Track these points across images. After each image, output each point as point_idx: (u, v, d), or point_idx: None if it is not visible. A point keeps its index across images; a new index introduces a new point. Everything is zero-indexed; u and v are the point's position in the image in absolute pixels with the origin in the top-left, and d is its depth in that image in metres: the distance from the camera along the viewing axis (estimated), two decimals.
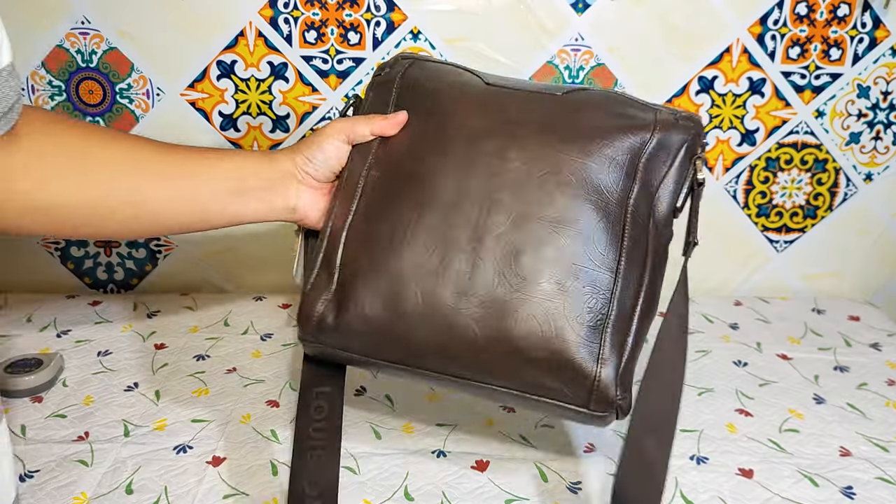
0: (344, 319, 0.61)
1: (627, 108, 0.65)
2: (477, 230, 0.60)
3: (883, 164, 1.02)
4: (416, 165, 0.63)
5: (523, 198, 0.60)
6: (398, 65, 0.70)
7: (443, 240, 0.60)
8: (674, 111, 0.65)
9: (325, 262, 0.63)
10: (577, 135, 0.62)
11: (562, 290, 0.58)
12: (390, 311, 0.60)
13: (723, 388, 0.83)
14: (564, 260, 0.58)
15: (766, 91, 0.97)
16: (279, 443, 0.73)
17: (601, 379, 0.57)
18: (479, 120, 0.63)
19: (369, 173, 0.65)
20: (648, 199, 0.62)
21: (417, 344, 0.60)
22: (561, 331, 0.57)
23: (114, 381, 0.82)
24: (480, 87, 0.67)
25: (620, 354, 0.58)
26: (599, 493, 0.67)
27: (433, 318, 0.59)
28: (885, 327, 0.97)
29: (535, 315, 0.57)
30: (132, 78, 0.94)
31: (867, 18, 0.95)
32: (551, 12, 0.93)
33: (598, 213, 0.60)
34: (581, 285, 0.58)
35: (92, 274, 1.02)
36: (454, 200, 0.61)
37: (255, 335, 0.92)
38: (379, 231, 0.62)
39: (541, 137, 0.62)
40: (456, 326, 0.58)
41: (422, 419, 0.77)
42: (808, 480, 0.69)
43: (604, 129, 0.62)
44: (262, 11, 0.92)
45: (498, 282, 0.58)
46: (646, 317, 0.60)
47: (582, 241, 0.59)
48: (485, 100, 0.65)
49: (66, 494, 0.65)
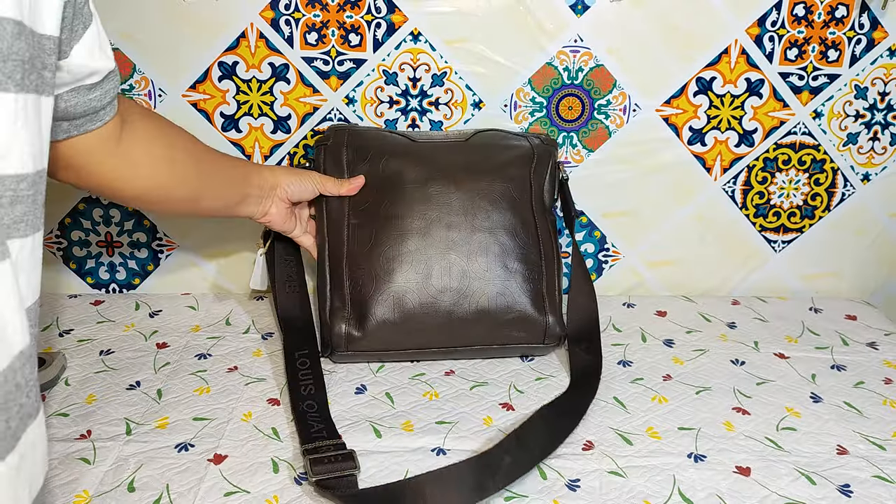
0: (367, 329, 0.83)
1: (511, 141, 0.92)
2: (444, 246, 0.85)
3: (880, 165, 1.03)
4: (388, 209, 0.86)
5: (469, 217, 0.86)
6: (339, 133, 0.91)
7: (422, 258, 0.84)
8: (537, 136, 0.93)
9: (336, 292, 0.85)
10: (490, 167, 0.88)
11: (509, 271, 0.85)
12: (398, 314, 0.83)
13: (720, 386, 0.84)
14: (505, 252, 0.85)
15: (764, 92, 0.98)
16: (280, 441, 0.73)
17: (549, 324, 0.86)
18: (421, 171, 0.87)
19: (349, 222, 0.87)
20: (540, 196, 0.90)
21: (422, 332, 0.84)
22: (516, 297, 0.85)
23: (116, 380, 0.82)
24: (412, 145, 0.90)
25: (555, 303, 0.86)
26: (598, 490, 0.68)
27: (429, 311, 0.83)
28: (882, 327, 0.98)
29: (497, 292, 0.84)
30: (134, 79, 0.94)
31: (865, 20, 0.95)
32: (551, 13, 0.93)
33: (517, 216, 0.87)
34: (519, 265, 0.85)
35: (94, 274, 1.03)
36: (423, 229, 0.85)
37: (255, 334, 0.93)
38: (375, 261, 0.84)
39: (467, 175, 0.87)
40: (447, 313, 0.84)
41: (421, 417, 0.77)
42: (806, 478, 0.70)
43: (505, 161, 0.89)
44: (263, 13, 0.92)
45: (466, 277, 0.84)
46: (560, 272, 0.88)
47: (512, 236, 0.86)
48: (419, 155, 0.89)
49: (68, 492, 0.66)
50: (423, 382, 0.83)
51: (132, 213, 1.00)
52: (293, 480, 0.68)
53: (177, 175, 0.73)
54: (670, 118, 0.98)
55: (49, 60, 0.47)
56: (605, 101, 0.97)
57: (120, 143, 0.66)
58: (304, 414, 0.76)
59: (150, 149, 0.70)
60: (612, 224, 1.03)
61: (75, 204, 1.00)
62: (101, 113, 0.62)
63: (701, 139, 1.00)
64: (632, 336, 0.94)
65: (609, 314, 0.99)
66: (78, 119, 0.60)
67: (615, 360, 0.88)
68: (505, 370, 0.86)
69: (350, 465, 0.68)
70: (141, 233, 1.01)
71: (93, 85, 0.59)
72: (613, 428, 0.76)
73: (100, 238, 1.01)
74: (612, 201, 1.02)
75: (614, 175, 1.00)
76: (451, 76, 0.96)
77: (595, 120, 0.98)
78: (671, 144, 0.99)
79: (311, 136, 0.98)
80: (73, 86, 0.57)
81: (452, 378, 0.84)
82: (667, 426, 0.77)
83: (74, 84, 0.57)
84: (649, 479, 0.69)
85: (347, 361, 0.87)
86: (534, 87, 0.97)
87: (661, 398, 0.81)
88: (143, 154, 0.69)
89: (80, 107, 0.59)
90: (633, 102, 0.97)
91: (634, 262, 1.05)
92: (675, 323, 0.97)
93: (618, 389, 0.83)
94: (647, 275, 1.06)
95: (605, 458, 0.72)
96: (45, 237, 1.00)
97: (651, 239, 1.04)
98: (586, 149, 0.99)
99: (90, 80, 0.58)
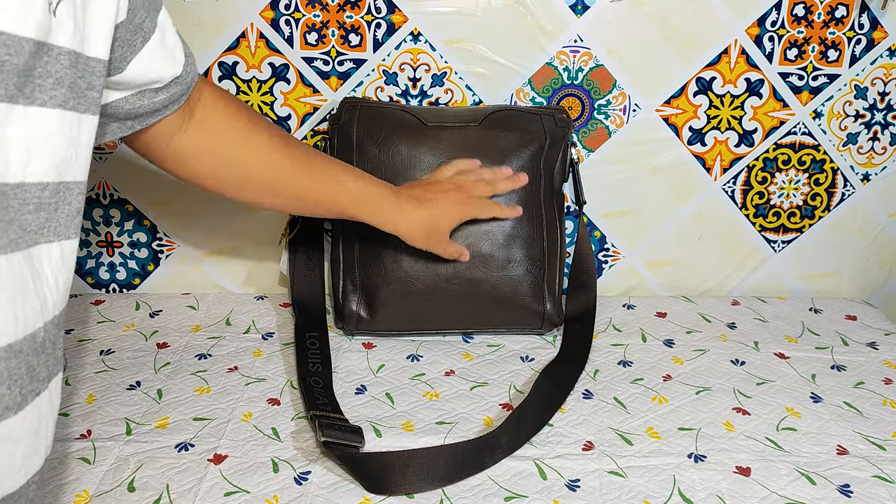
0: (375, 311, 0.89)
1: (524, 124, 0.91)
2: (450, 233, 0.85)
3: (880, 165, 1.03)
4: None
5: None
6: (350, 111, 0.90)
7: None
8: (552, 114, 0.92)
9: (348, 276, 0.90)
10: (499, 155, 0.89)
11: (512, 262, 0.88)
12: (405, 299, 0.88)
13: (720, 386, 0.84)
14: (508, 242, 0.88)
15: (764, 92, 0.98)
16: (280, 441, 0.73)
17: (547, 312, 0.90)
18: (431, 157, 0.89)
19: None
20: (549, 183, 0.91)
21: (428, 316, 0.90)
22: (518, 288, 0.89)
23: (116, 380, 0.82)
24: (423, 129, 0.89)
25: (554, 293, 0.90)
26: (598, 490, 0.68)
27: (435, 297, 0.88)
28: (881, 327, 0.98)
29: (501, 281, 0.88)
30: None
31: (865, 20, 0.95)
32: (550, 14, 0.93)
33: (523, 205, 0.89)
34: (522, 256, 0.89)
35: (94, 273, 1.03)
36: None
37: (256, 334, 0.93)
38: (384, 247, 0.87)
39: None
40: (452, 299, 0.88)
41: (421, 418, 0.77)
42: (806, 479, 0.70)
43: (515, 148, 0.90)
44: (263, 13, 0.92)
45: (472, 265, 0.87)
46: (563, 262, 0.92)
47: (516, 227, 0.88)
48: (430, 140, 0.89)
49: (68, 492, 0.66)
50: (423, 382, 0.83)
51: (132, 212, 1.00)
52: (293, 480, 0.68)
53: (260, 157, 0.73)
54: (670, 118, 0.98)
55: (96, 82, 0.49)
56: (605, 101, 0.97)
57: (190, 123, 0.67)
58: (311, 388, 0.79)
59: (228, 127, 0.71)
60: (612, 224, 1.03)
61: None
62: (164, 110, 0.63)
63: (701, 139, 1.00)
64: (632, 336, 0.94)
65: (609, 314, 0.99)
66: (142, 116, 0.62)
67: (615, 360, 0.88)
68: (505, 370, 0.86)
69: (356, 438, 0.71)
70: (141, 233, 1.01)
71: (158, 89, 0.60)
72: (613, 428, 0.76)
73: (100, 238, 1.01)
74: (612, 201, 1.02)
75: (614, 175, 1.00)
76: (451, 76, 0.96)
77: (595, 120, 0.98)
78: (671, 144, 0.99)
79: (312, 136, 0.98)
80: (138, 90, 0.59)
81: (452, 378, 0.84)
82: (667, 426, 0.77)
83: (138, 89, 0.59)
84: (649, 479, 0.69)
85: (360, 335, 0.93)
86: (534, 87, 0.97)
87: (662, 398, 0.81)
88: (216, 132, 0.70)
89: (145, 108, 0.61)
90: (633, 102, 0.97)
91: (634, 262, 1.05)
92: (675, 323, 0.97)
93: (618, 389, 0.83)
94: (647, 275, 1.06)
95: (605, 458, 0.72)
96: None
97: (651, 239, 1.04)
98: (586, 149, 0.99)
99: (155, 86, 0.60)
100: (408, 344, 0.91)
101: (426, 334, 0.92)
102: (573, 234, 0.99)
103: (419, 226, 0.82)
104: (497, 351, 0.90)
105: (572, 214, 1.00)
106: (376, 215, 0.80)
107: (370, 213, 0.80)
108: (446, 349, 0.90)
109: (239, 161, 0.72)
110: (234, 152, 0.71)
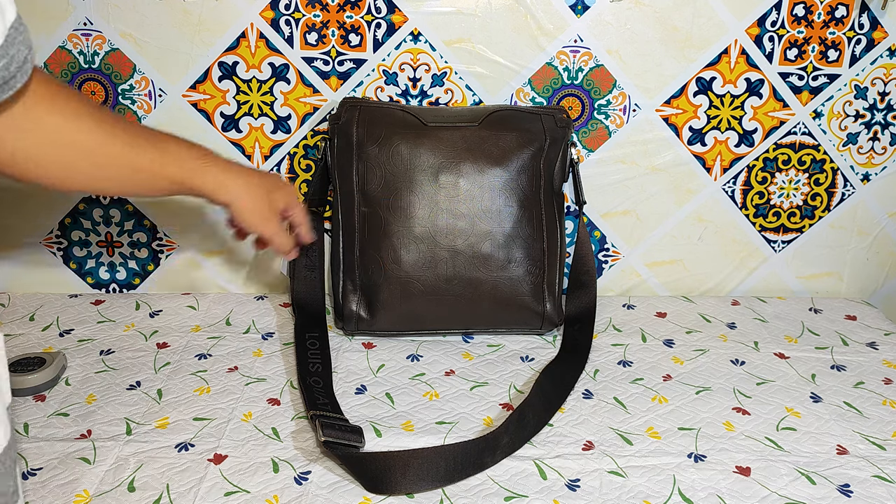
0: (375, 311, 0.89)
1: (523, 125, 0.91)
2: (449, 235, 0.88)
3: (880, 165, 1.03)
4: (398, 198, 0.88)
5: (474, 208, 0.88)
6: (350, 110, 0.90)
7: (429, 247, 0.88)
8: (552, 114, 0.92)
9: (348, 277, 0.90)
10: (500, 156, 0.89)
11: (512, 262, 0.89)
12: (405, 300, 0.88)
13: (720, 386, 0.84)
14: (508, 243, 0.89)
15: (764, 92, 0.98)
16: (280, 441, 0.73)
17: (547, 312, 0.91)
18: (431, 159, 0.89)
19: (360, 209, 0.90)
20: (549, 184, 0.92)
21: (428, 316, 0.90)
22: (518, 288, 0.89)
23: (116, 380, 0.82)
24: (423, 129, 0.89)
25: (553, 293, 0.91)
26: (598, 490, 0.68)
27: (434, 298, 0.88)
28: (881, 327, 0.98)
29: (501, 281, 0.88)
30: (134, 79, 0.94)
31: (865, 20, 0.95)
32: (550, 14, 0.93)
33: (524, 206, 0.89)
34: (522, 256, 0.89)
35: (94, 274, 1.03)
36: (431, 217, 0.88)
37: (256, 334, 0.93)
38: (384, 248, 0.88)
39: (475, 165, 0.89)
40: (451, 300, 0.88)
41: (421, 418, 0.77)
42: (806, 478, 0.70)
43: (516, 149, 0.90)
44: (263, 13, 0.92)
45: (472, 266, 0.88)
46: (562, 263, 0.92)
47: (516, 228, 0.89)
48: (430, 141, 0.89)
49: (68, 492, 0.66)
50: (423, 382, 0.83)
51: (132, 212, 1.00)
52: (293, 480, 0.68)
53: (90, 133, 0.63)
54: (670, 118, 0.98)
55: None
56: (605, 101, 0.97)
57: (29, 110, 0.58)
58: (311, 388, 0.79)
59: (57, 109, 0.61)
60: (612, 224, 1.03)
61: (75, 204, 1.00)
62: (12, 82, 0.52)
63: (701, 139, 1.00)
64: (632, 336, 0.94)
65: (609, 314, 0.99)
66: None
67: (615, 360, 0.88)
68: (505, 370, 0.86)
69: (357, 438, 0.71)
70: (141, 233, 1.01)
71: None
72: (613, 428, 0.76)
73: (100, 238, 1.01)
74: (612, 201, 1.02)
75: (614, 175, 1.00)
76: (451, 76, 0.96)
77: (595, 120, 0.98)
78: (671, 144, 0.99)
79: (311, 136, 0.98)
80: None
81: (452, 378, 0.84)
82: (667, 426, 0.77)
83: None
84: (649, 479, 0.69)
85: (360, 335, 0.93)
86: (534, 87, 0.97)
87: (662, 398, 0.81)
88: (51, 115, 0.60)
89: None
90: (633, 102, 0.97)
91: (634, 262, 1.05)
92: (675, 323, 0.97)
93: (618, 389, 0.83)
94: (647, 275, 1.06)
95: (605, 458, 0.72)
96: (46, 237, 1.01)
97: (651, 239, 1.04)
98: (586, 149, 0.99)
99: None
100: (408, 344, 0.91)
101: (426, 334, 0.92)
102: (573, 234, 0.99)
103: (257, 187, 0.75)
104: (497, 351, 0.90)
105: (572, 214, 1.00)
106: (208, 177, 0.72)
107: (202, 177, 0.72)
108: (446, 349, 0.90)
109: (66, 140, 0.62)
110: (61, 131, 0.61)
